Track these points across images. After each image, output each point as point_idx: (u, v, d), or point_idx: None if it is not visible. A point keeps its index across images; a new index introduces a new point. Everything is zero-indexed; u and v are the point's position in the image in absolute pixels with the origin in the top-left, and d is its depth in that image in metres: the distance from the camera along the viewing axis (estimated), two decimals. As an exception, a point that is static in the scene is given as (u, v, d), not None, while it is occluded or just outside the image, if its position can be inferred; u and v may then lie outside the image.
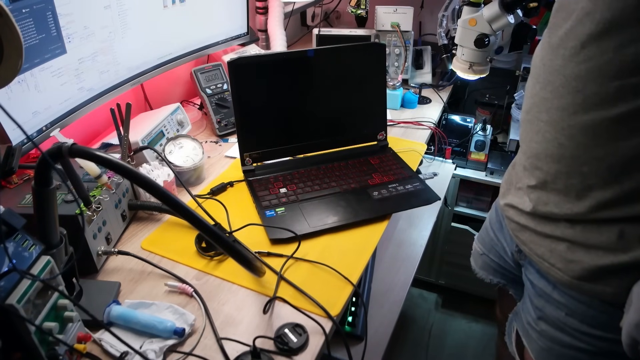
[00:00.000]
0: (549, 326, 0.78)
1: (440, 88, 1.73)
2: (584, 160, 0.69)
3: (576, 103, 0.68)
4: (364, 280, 1.42)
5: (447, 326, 1.98)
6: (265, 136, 1.15)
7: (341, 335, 0.77)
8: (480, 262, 1.09)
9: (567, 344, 0.76)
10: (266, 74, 1.11)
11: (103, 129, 1.23)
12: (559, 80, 0.70)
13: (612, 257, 0.68)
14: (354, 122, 1.23)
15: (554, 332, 0.77)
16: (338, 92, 1.19)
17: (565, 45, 0.68)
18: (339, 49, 1.17)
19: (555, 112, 0.71)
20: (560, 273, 0.74)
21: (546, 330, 0.79)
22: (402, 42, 1.61)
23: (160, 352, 0.70)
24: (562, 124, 0.70)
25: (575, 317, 0.74)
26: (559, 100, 0.70)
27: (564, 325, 0.76)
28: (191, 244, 0.91)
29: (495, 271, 1.05)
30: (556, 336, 0.77)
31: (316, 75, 1.16)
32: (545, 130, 0.73)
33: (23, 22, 0.82)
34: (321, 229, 0.95)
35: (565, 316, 0.75)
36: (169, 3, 1.19)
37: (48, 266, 0.62)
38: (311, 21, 2.16)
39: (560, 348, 0.77)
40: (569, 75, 0.68)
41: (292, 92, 1.15)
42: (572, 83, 0.68)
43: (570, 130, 0.69)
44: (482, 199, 1.92)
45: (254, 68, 1.10)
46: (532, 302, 0.81)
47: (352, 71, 1.19)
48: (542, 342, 0.80)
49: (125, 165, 0.61)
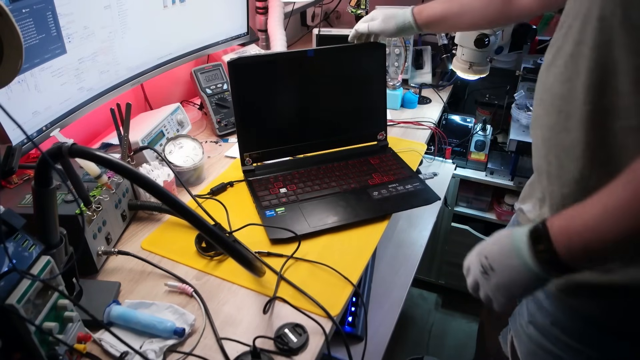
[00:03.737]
0: (537, 331, 0.79)
1: (440, 88, 1.73)
2: (564, 181, 0.68)
3: (559, 122, 0.68)
4: (364, 280, 1.42)
5: (447, 326, 1.98)
6: (265, 136, 1.15)
7: (341, 335, 0.77)
8: None
9: (550, 351, 0.77)
10: (266, 74, 1.11)
11: (103, 129, 1.23)
12: (549, 99, 0.70)
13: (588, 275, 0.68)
14: (354, 122, 1.23)
15: (540, 337, 0.79)
16: (338, 92, 1.19)
17: (555, 63, 0.69)
18: (339, 49, 1.18)
19: (546, 130, 0.71)
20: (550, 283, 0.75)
21: (534, 335, 0.80)
22: (402, 42, 1.61)
23: (160, 352, 0.70)
24: (550, 142, 0.70)
25: (558, 327, 0.75)
26: (549, 118, 0.70)
27: (548, 333, 0.77)
28: (191, 244, 0.91)
29: None
30: (541, 342, 0.78)
31: (316, 75, 1.16)
32: (539, 146, 0.74)
33: (23, 22, 0.82)
34: (321, 229, 0.95)
35: (550, 325, 0.76)
36: (169, 3, 1.19)
37: (48, 266, 0.62)
38: (311, 21, 2.16)
39: (544, 354, 0.78)
40: (556, 94, 0.68)
41: (292, 92, 1.15)
42: (557, 102, 0.68)
43: (556, 149, 0.69)
44: (482, 199, 1.92)
45: (254, 68, 1.10)
46: (527, 306, 0.83)
47: (352, 71, 1.19)
48: (530, 345, 0.81)
49: (125, 165, 0.61)
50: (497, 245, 0.64)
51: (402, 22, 1.09)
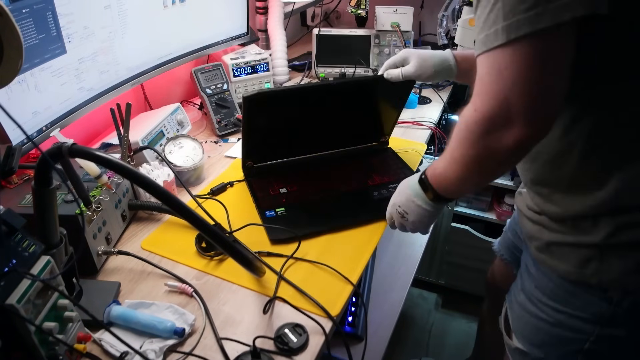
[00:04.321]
0: (524, 296, 0.84)
1: (440, 88, 1.73)
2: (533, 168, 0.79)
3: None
4: (364, 280, 1.42)
5: (447, 326, 1.98)
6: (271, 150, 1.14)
7: (341, 335, 0.77)
8: (501, 238, 1.20)
9: (533, 313, 0.82)
10: (282, 106, 1.05)
11: (103, 129, 1.23)
12: None
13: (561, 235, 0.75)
14: (362, 131, 1.22)
15: (525, 301, 0.84)
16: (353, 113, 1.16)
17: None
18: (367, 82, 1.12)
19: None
20: (532, 247, 0.81)
21: (522, 300, 0.85)
22: (402, 42, 1.61)
23: (160, 352, 0.70)
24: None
25: (539, 289, 0.81)
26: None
27: (531, 295, 0.82)
28: (191, 244, 0.91)
29: (507, 248, 1.15)
30: (526, 305, 0.83)
31: (333, 104, 1.10)
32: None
33: (23, 22, 0.82)
34: (321, 229, 0.95)
35: (534, 288, 0.82)
36: (169, 3, 1.19)
37: (48, 266, 0.62)
38: (311, 21, 2.16)
39: (529, 317, 0.83)
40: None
41: (305, 119, 1.11)
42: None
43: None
44: (482, 199, 1.92)
45: (269, 101, 1.01)
46: (521, 276, 0.88)
47: (374, 97, 1.14)
48: (518, 310, 0.86)
49: (125, 165, 0.61)
50: (402, 194, 0.85)
51: (440, 65, 0.98)
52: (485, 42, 0.60)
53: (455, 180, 0.74)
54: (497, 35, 0.58)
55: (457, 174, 0.72)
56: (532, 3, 0.55)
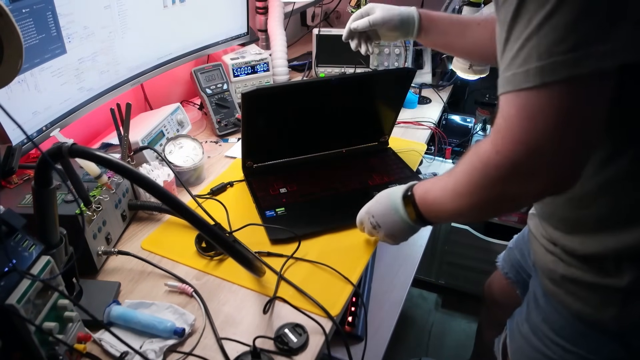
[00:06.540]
0: (529, 328, 0.80)
1: (440, 88, 1.73)
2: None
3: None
4: (364, 280, 1.42)
5: (447, 326, 1.98)
6: (271, 148, 1.14)
7: (341, 335, 0.77)
8: (506, 254, 1.15)
9: (537, 349, 0.77)
10: (280, 103, 1.05)
11: (103, 129, 1.23)
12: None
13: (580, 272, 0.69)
14: (361, 129, 1.22)
15: (530, 334, 0.79)
16: (352, 110, 1.16)
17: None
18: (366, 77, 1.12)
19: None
20: (544, 278, 0.76)
21: (526, 332, 0.81)
22: (402, 42, 1.61)
23: (160, 352, 0.70)
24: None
25: (547, 324, 0.76)
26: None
27: (538, 329, 0.78)
28: (191, 244, 0.91)
29: (512, 266, 1.10)
30: (530, 339, 0.79)
31: (333, 100, 1.10)
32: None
33: (23, 22, 0.82)
34: (321, 229, 0.95)
35: (541, 321, 0.77)
36: (169, 3, 1.19)
37: (48, 266, 0.62)
38: (311, 21, 2.16)
39: (531, 351, 0.79)
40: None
41: (304, 118, 1.11)
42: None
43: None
44: (482, 199, 1.91)
45: (268, 98, 1.02)
46: (527, 305, 0.83)
47: (373, 94, 1.14)
48: (520, 341, 0.82)
49: (125, 165, 0.61)
50: (381, 205, 0.82)
51: (406, 15, 1.01)
52: (513, 81, 0.54)
53: (452, 212, 0.68)
54: (529, 76, 0.52)
55: (456, 208, 0.66)
56: (571, 44, 0.49)
